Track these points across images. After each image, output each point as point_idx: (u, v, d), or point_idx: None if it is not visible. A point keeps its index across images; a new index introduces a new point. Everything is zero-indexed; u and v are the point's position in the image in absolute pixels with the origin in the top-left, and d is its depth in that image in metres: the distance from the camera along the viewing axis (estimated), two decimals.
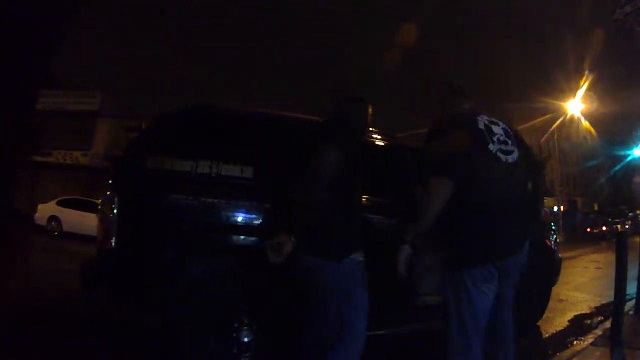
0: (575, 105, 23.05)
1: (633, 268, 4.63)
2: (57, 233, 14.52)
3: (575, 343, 4.06)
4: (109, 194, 3.00)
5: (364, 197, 2.69)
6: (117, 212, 2.88)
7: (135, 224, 2.88)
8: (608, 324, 4.28)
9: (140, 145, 3.19)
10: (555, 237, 4.82)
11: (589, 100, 21.95)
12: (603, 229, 27.51)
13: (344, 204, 2.34)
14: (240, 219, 2.96)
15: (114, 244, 2.87)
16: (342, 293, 2.34)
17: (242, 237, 2.96)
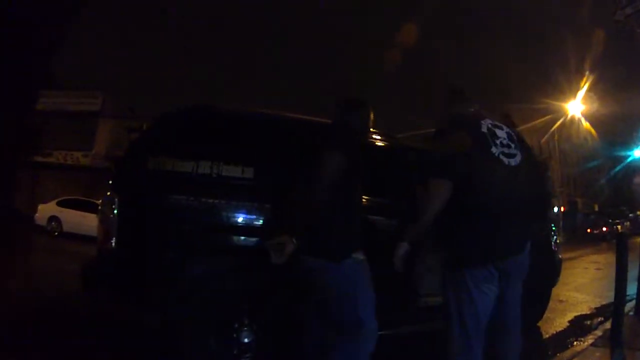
0: (576, 106, 23.02)
1: (633, 269, 4.63)
2: (57, 233, 14.52)
3: (575, 343, 4.06)
4: (109, 194, 3.00)
5: (364, 197, 2.70)
6: (117, 212, 2.88)
7: (136, 224, 2.88)
8: (608, 325, 4.28)
9: (141, 146, 3.20)
10: (556, 237, 4.82)
11: (590, 101, 21.93)
12: (603, 230, 27.48)
13: (344, 205, 2.36)
14: (241, 220, 2.96)
15: (114, 244, 2.88)
16: (343, 293, 2.35)
17: (242, 237, 2.96)
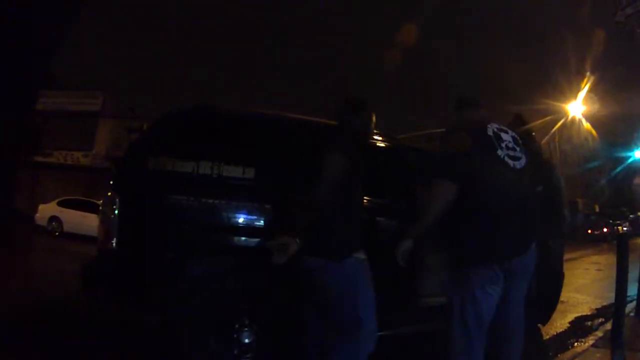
0: (576, 107, 23.00)
1: (633, 270, 4.62)
2: (57, 233, 14.53)
3: (576, 344, 4.06)
4: (110, 195, 3.00)
5: (365, 198, 2.69)
6: (118, 212, 2.88)
7: (136, 225, 2.88)
8: (608, 326, 4.28)
9: (141, 146, 3.20)
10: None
11: (590, 102, 21.92)
12: (604, 231, 27.46)
13: (345, 205, 2.37)
14: (241, 220, 2.96)
15: (115, 245, 2.88)
16: (343, 293, 2.35)
17: (242, 237, 2.96)
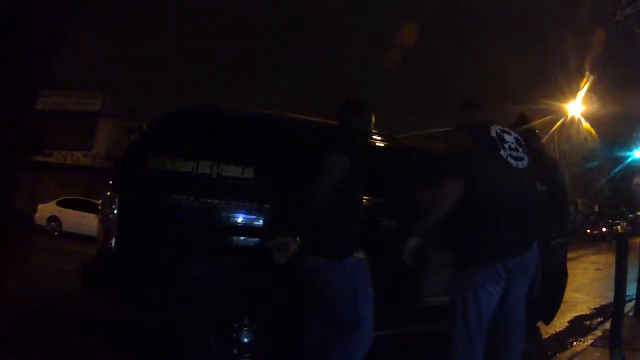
0: (576, 107, 23.00)
1: (633, 269, 4.62)
2: (57, 233, 14.52)
3: (575, 344, 4.07)
4: (110, 195, 3.01)
5: (365, 198, 2.70)
6: (117, 212, 2.88)
7: (136, 225, 2.88)
8: (608, 325, 4.28)
9: (141, 146, 3.20)
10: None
11: (590, 102, 21.92)
12: (603, 230, 27.47)
13: (345, 205, 2.37)
14: (241, 220, 2.96)
15: (114, 245, 2.88)
16: (343, 292, 2.36)
17: (242, 237, 2.96)
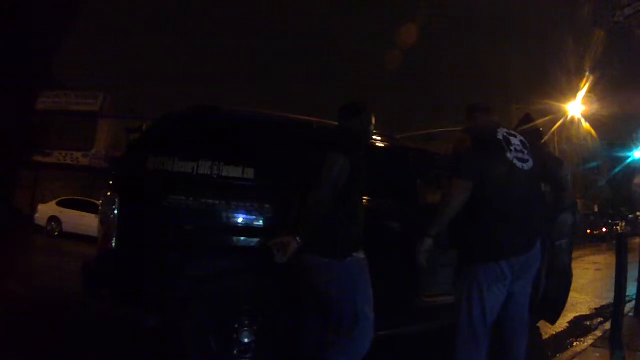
0: (576, 107, 22.98)
1: (633, 269, 4.63)
2: (57, 233, 14.50)
3: (575, 344, 4.07)
4: (110, 195, 3.01)
5: (365, 197, 2.70)
6: (117, 212, 2.88)
7: (136, 225, 2.88)
8: (608, 326, 4.28)
9: (142, 146, 3.20)
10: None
11: (589, 102, 21.91)
12: (603, 231, 27.52)
13: (345, 204, 2.38)
14: (241, 220, 2.96)
15: (114, 244, 2.88)
16: (343, 291, 2.36)
17: (242, 237, 2.96)
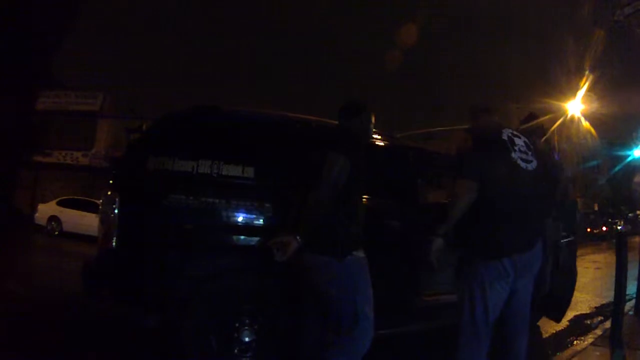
0: (575, 106, 22.98)
1: (633, 268, 4.64)
2: (57, 233, 14.51)
3: (575, 343, 4.08)
4: (110, 194, 3.01)
5: (365, 196, 2.70)
6: (117, 212, 2.88)
7: (136, 224, 2.88)
8: (608, 324, 4.29)
9: (142, 145, 3.20)
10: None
11: (589, 101, 21.91)
12: (603, 229, 27.54)
13: (345, 204, 2.38)
14: (241, 219, 2.96)
15: (115, 244, 2.88)
16: (342, 290, 2.36)
17: (242, 237, 2.96)
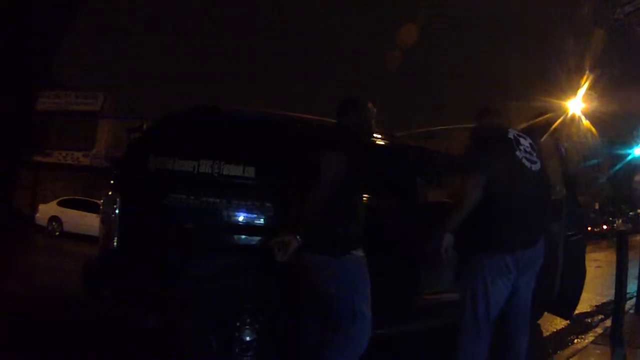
0: (576, 104, 22.96)
1: (633, 267, 4.64)
2: (57, 233, 14.52)
3: (576, 341, 4.08)
4: (111, 194, 3.01)
5: (365, 195, 2.70)
6: (118, 212, 2.88)
7: (137, 224, 2.88)
8: (608, 323, 4.29)
9: (143, 145, 3.20)
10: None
11: (589, 99, 21.89)
12: (603, 228, 27.54)
13: (345, 202, 2.38)
14: (242, 219, 2.96)
15: (116, 244, 2.88)
16: (341, 289, 2.36)
17: (243, 236, 2.97)
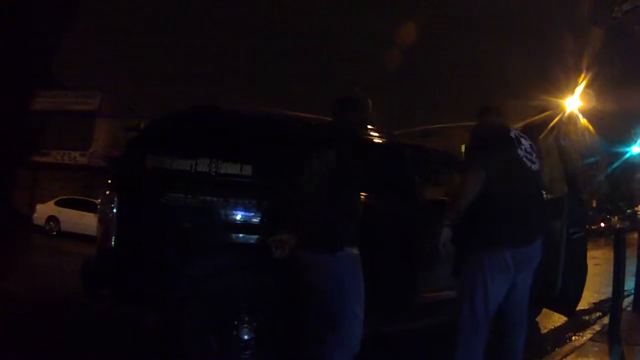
0: (574, 103, 22.99)
1: (631, 264, 4.65)
2: (55, 233, 14.50)
3: (574, 338, 4.09)
4: (109, 193, 3.00)
5: (362, 194, 2.70)
6: (116, 211, 2.88)
7: (135, 223, 2.88)
8: (606, 320, 4.31)
9: (141, 144, 3.20)
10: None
11: (587, 98, 21.93)
12: (601, 226, 27.61)
13: (341, 200, 2.39)
14: (240, 217, 2.96)
15: (114, 243, 2.88)
16: (335, 287, 2.36)
17: (241, 235, 2.97)
